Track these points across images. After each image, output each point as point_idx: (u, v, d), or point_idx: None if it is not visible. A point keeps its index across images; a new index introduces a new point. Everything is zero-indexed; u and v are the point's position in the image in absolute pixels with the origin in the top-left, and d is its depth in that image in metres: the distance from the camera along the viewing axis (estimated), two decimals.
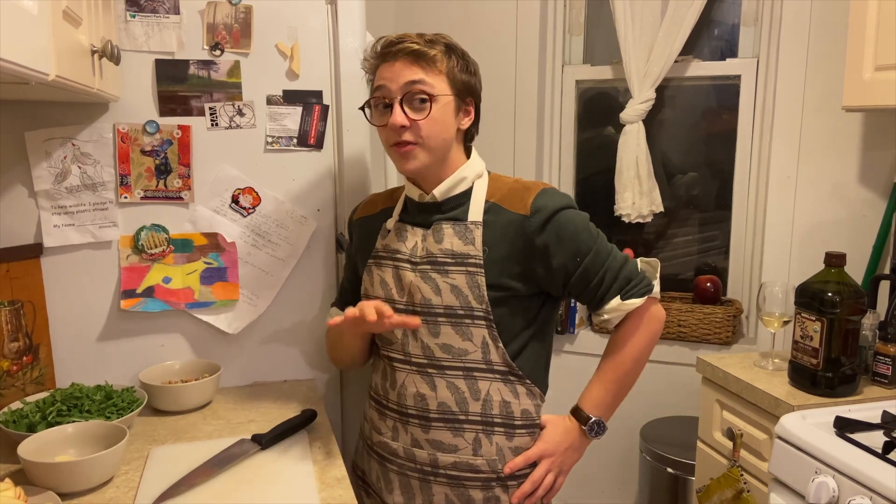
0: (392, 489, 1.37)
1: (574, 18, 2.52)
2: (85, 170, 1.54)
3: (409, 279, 1.33)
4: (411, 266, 1.34)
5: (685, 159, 2.52)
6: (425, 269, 1.32)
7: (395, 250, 1.37)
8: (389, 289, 1.36)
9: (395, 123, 1.25)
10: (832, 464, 1.32)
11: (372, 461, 1.43)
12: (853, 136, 2.05)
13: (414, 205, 1.37)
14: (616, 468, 2.53)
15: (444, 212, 1.34)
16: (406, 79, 1.25)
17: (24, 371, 1.48)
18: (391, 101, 1.26)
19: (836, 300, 1.60)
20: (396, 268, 1.36)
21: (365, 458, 1.46)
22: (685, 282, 2.52)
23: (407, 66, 1.25)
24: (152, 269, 1.60)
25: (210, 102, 1.59)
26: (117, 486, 1.22)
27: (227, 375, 1.67)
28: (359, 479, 1.48)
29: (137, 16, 1.53)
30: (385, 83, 1.27)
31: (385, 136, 1.30)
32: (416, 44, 1.26)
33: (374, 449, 1.42)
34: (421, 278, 1.31)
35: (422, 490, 1.34)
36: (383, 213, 1.44)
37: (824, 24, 2.04)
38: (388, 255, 1.38)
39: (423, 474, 1.33)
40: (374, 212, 1.46)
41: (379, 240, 1.42)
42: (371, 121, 1.33)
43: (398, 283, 1.35)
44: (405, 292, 1.33)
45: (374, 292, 1.38)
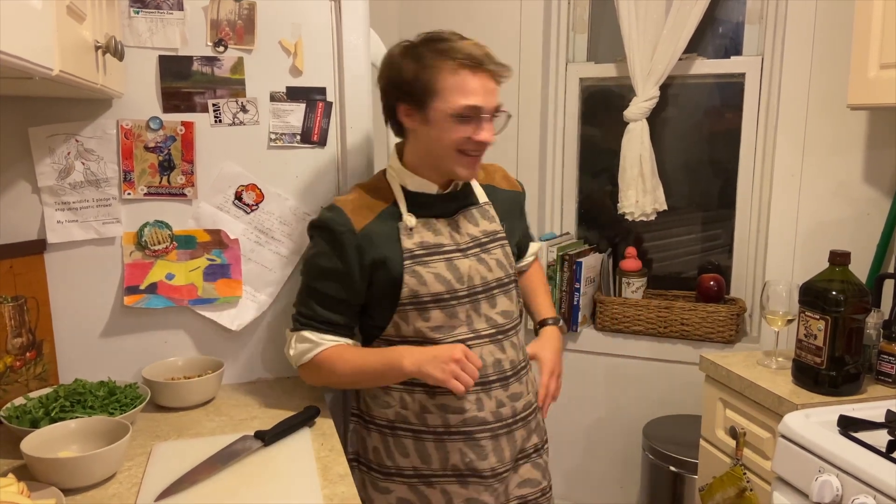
0: (486, 455, 1.44)
1: (578, 16, 2.51)
2: (88, 166, 1.54)
3: (467, 265, 1.43)
4: (462, 253, 1.44)
5: (689, 157, 2.51)
6: (476, 253, 1.46)
7: (438, 244, 1.43)
8: (448, 280, 1.41)
9: (489, 140, 1.39)
10: (836, 462, 1.31)
11: (453, 444, 1.43)
12: (858, 134, 2.04)
13: (430, 199, 1.45)
14: (619, 466, 2.53)
15: (459, 199, 1.48)
16: (496, 102, 1.38)
17: (28, 367, 1.49)
18: (481, 116, 1.36)
19: (840, 299, 1.60)
20: (449, 260, 1.42)
21: (437, 456, 1.44)
22: (688, 280, 2.52)
23: (496, 88, 1.38)
24: (155, 266, 1.60)
25: (213, 99, 1.59)
26: (120, 482, 1.22)
27: (230, 372, 1.67)
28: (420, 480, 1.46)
29: (141, 12, 1.53)
30: (481, 101, 1.35)
31: (459, 143, 1.37)
32: (501, 68, 1.38)
33: (456, 432, 1.43)
34: (476, 262, 1.45)
35: (507, 442, 1.47)
36: (383, 217, 1.42)
37: (829, 23, 2.03)
38: (430, 252, 1.42)
39: (508, 428, 1.47)
40: (372, 218, 1.42)
41: (405, 240, 1.41)
42: (451, 130, 1.36)
43: (455, 272, 1.42)
44: (465, 279, 1.43)
45: (432, 289, 1.40)
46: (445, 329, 1.42)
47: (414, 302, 1.40)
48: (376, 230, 1.41)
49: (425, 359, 1.35)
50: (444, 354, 1.34)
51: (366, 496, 1.48)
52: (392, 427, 1.46)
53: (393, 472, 1.46)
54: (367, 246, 1.40)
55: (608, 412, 2.52)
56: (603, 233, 2.65)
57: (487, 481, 1.44)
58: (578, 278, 2.40)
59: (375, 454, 1.48)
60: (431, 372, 1.33)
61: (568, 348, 2.50)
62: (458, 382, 1.31)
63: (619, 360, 2.46)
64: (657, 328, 2.37)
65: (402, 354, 1.38)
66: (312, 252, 1.46)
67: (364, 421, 1.51)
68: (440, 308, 1.41)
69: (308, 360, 1.44)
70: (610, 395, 2.51)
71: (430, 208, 1.44)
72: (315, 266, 1.44)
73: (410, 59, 1.36)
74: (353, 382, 1.50)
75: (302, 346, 1.45)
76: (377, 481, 1.48)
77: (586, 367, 2.50)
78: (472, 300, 1.43)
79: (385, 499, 1.47)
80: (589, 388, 2.51)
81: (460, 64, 1.34)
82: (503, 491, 1.48)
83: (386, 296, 1.42)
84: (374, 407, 1.48)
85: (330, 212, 1.43)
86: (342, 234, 1.39)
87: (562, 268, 2.41)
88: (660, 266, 2.59)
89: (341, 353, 1.44)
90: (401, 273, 1.39)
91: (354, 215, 1.41)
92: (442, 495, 1.44)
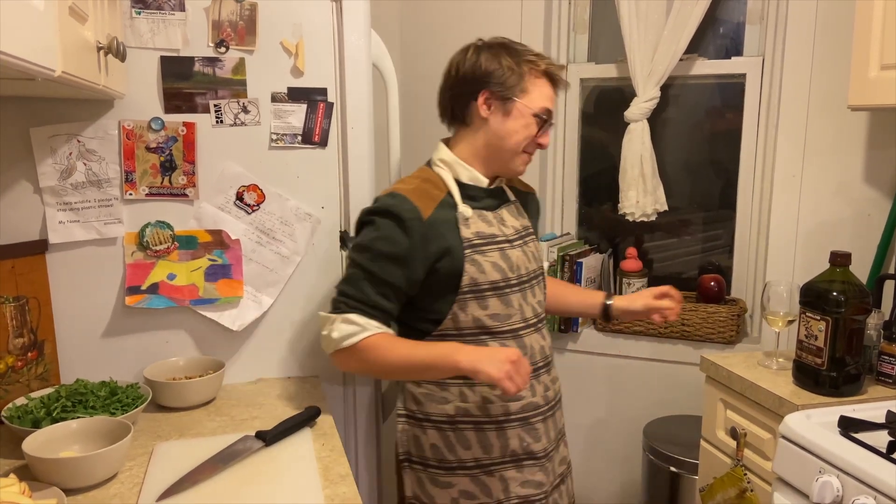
0: (539, 437, 1.54)
1: (579, 16, 2.51)
2: (90, 166, 1.54)
3: (516, 256, 1.52)
4: (510, 244, 1.53)
5: (689, 158, 2.51)
6: (520, 244, 1.55)
7: (492, 235, 1.50)
8: (503, 269, 1.49)
9: (547, 144, 1.54)
10: (836, 463, 1.31)
11: (513, 431, 1.50)
12: (858, 135, 2.04)
13: (480, 192, 1.53)
14: (619, 467, 2.53)
15: (499, 196, 1.58)
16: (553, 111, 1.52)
17: (29, 367, 1.49)
18: (549, 122, 1.51)
19: (840, 299, 1.60)
20: (502, 249, 1.51)
21: (498, 444, 1.50)
22: (689, 280, 2.52)
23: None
24: (157, 266, 1.60)
25: (215, 100, 1.59)
26: (122, 482, 1.22)
27: (231, 372, 1.67)
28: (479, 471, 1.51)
29: (143, 13, 1.53)
30: (551, 109, 1.51)
31: (524, 144, 1.50)
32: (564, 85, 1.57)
33: (515, 418, 1.50)
34: (521, 252, 1.54)
35: (552, 423, 1.59)
36: (442, 207, 1.46)
37: (830, 23, 2.03)
38: (486, 241, 1.49)
39: (552, 410, 1.59)
40: (434, 207, 1.45)
41: (463, 230, 1.46)
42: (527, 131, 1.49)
43: (508, 261, 1.50)
44: (515, 268, 1.51)
45: (489, 277, 1.47)
46: (502, 317, 1.49)
47: (473, 290, 1.46)
48: (439, 219, 1.44)
49: (482, 357, 1.35)
50: (500, 354, 1.34)
51: (423, 493, 1.51)
52: (452, 422, 1.49)
53: (455, 465, 1.49)
54: (432, 235, 1.42)
55: (608, 412, 2.52)
56: (603, 233, 2.64)
57: (541, 461, 1.54)
58: (579, 279, 2.40)
59: (434, 451, 1.50)
60: (487, 369, 1.32)
61: (568, 349, 2.50)
62: (510, 383, 1.32)
63: (620, 360, 2.46)
64: (658, 329, 2.37)
65: (456, 349, 1.38)
66: (374, 236, 1.43)
67: (417, 419, 1.51)
68: (497, 296, 1.48)
69: (351, 344, 1.41)
70: (610, 395, 2.51)
71: (479, 200, 1.52)
72: (374, 250, 1.42)
73: (504, 53, 1.48)
74: (396, 373, 1.50)
75: (348, 328, 1.41)
76: (437, 477, 1.50)
77: (587, 367, 2.49)
78: (521, 289, 1.52)
79: (447, 493, 1.50)
80: (589, 388, 2.51)
81: (546, 72, 1.50)
82: (552, 469, 1.59)
83: (446, 285, 1.45)
84: (428, 404, 1.50)
85: (393, 199, 1.43)
86: (410, 221, 1.40)
87: (562, 268, 2.41)
88: (660, 266, 2.59)
89: (389, 341, 1.43)
90: (461, 261, 1.44)
91: (419, 203, 1.43)
92: (500, 482, 1.50)
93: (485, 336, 1.47)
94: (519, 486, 1.51)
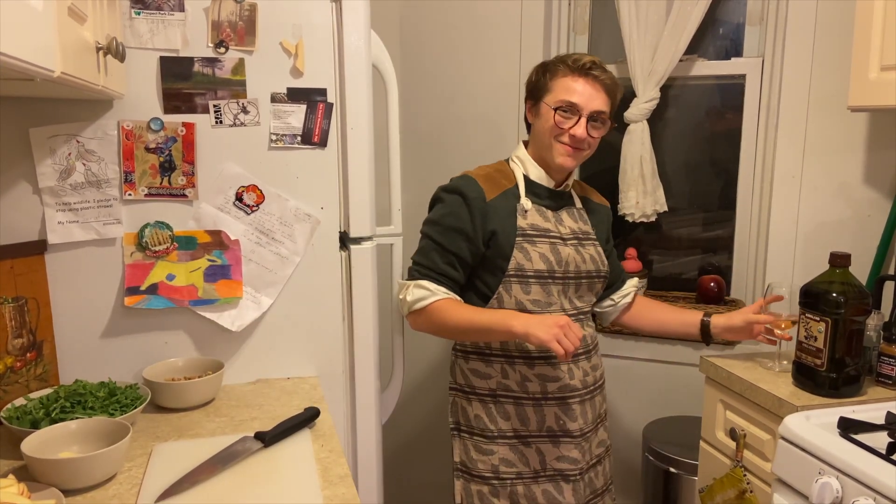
0: (575, 418, 1.68)
1: (579, 17, 2.51)
2: (89, 167, 1.54)
3: (567, 253, 1.67)
4: (563, 242, 1.68)
5: (689, 158, 2.51)
6: (574, 244, 1.70)
7: (546, 229, 1.66)
8: (550, 261, 1.64)
9: (582, 135, 1.62)
10: (836, 464, 1.31)
11: (549, 409, 1.67)
12: (858, 135, 2.04)
13: (544, 190, 1.70)
14: (619, 467, 2.53)
15: (564, 199, 1.74)
16: (597, 106, 1.62)
17: (28, 367, 1.49)
18: (578, 114, 1.62)
19: (840, 301, 1.60)
20: (553, 244, 1.66)
21: (535, 419, 1.67)
22: (689, 281, 2.52)
23: (599, 93, 1.63)
24: (156, 267, 1.60)
25: (214, 100, 1.59)
26: (120, 482, 1.22)
27: (230, 373, 1.67)
28: (518, 442, 1.69)
29: (142, 13, 1.53)
30: (578, 100, 1.61)
31: (556, 133, 1.63)
32: (610, 80, 1.65)
33: (552, 397, 1.67)
34: (574, 251, 1.68)
35: (590, 406, 1.73)
36: (506, 195, 1.66)
37: (830, 24, 2.03)
38: (539, 234, 1.65)
39: (591, 394, 1.73)
40: (499, 193, 1.65)
41: (520, 219, 1.64)
42: (552, 121, 1.62)
43: (557, 256, 1.65)
44: (563, 263, 1.65)
45: (535, 266, 1.63)
46: (542, 304, 1.65)
47: (518, 275, 1.63)
48: (500, 204, 1.64)
49: (534, 322, 1.49)
50: (549, 320, 1.48)
51: (468, 458, 1.71)
52: (494, 395, 1.69)
53: (496, 435, 1.68)
54: (491, 215, 1.62)
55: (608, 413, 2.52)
56: None
57: (576, 440, 1.68)
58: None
59: (478, 421, 1.70)
60: (537, 333, 1.46)
61: None
62: (559, 345, 1.44)
63: (620, 361, 2.46)
64: None
65: (512, 315, 1.54)
66: (442, 212, 1.65)
67: (464, 392, 1.73)
68: (540, 284, 1.64)
69: (423, 306, 1.62)
70: (610, 396, 2.50)
71: (542, 198, 1.69)
72: (443, 224, 1.64)
73: (540, 68, 1.69)
74: (459, 333, 1.66)
75: (420, 292, 1.63)
76: (480, 444, 1.70)
77: None
78: (565, 283, 1.67)
79: (489, 459, 1.69)
80: None
81: (569, 68, 1.63)
82: (588, 448, 1.73)
83: (496, 264, 1.63)
84: (475, 379, 1.71)
85: (463, 180, 1.66)
86: (474, 200, 1.62)
87: None
88: (660, 267, 2.59)
89: (454, 305, 1.62)
90: (512, 246, 1.62)
91: (486, 186, 1.64)
92: (537, 454, 1.68)
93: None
94: (555, 460, 1.68)
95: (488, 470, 1.68)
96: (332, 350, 1.74)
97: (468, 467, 1.71)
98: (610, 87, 1.65)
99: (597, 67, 1.63)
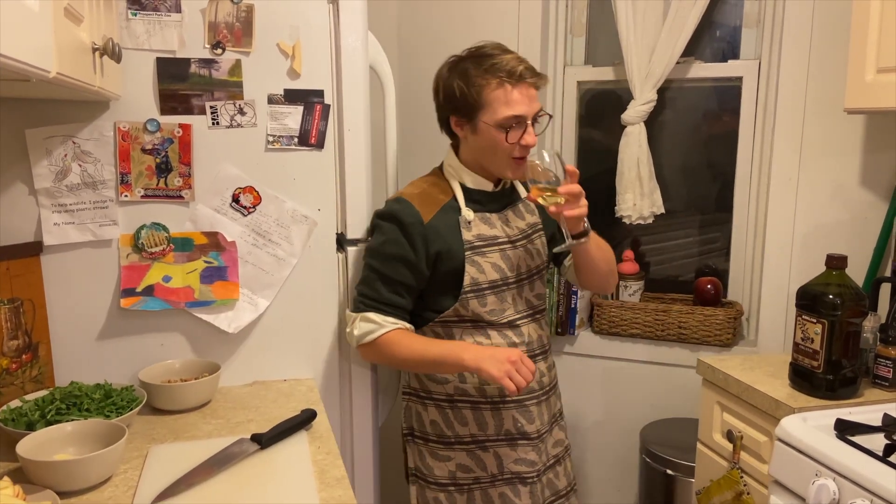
0: (533, 419, 1.64)
1: (576, 19, 2.51)
2: (85, 168, 1.54)
3: (518, 256, 1.62)
4: (512, 245, 1.62)
5: (686, 161, 2.51)
6: (523, 244, 1.64)
7: (493, 237, 1.60)
8: (503, 269, 1.59)
9: (534, 142, 1.53)
10: (833, 466, 1.31)
11: (507, 412, 1.61)
12: (855, 138, 2.05)
13: (485, 195, 1.62)
14: (615, 469, 2.53)
15: (507, 196, 1.66)
16: (537, 107, 1.54)
17: (24, 369, 1.48)
18: (525, 123, 1.52)
19: (837, 302, 1.60)
20: (503, 250, 1.60)
21: (494, 423, 1.61)
22: (686, 283, 2.52)
23: (534, 95, 1.54)
24: (152, 268, 1.59)
25: (211, 101, 1.59)
26: (116, 484, 1.22)
27: (226, 375, 1.67)
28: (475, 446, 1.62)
29: (139, 14, 1.52)
30: (523, 110, 1.51)
31: (509, 149, 1.52)
32: (539, 78, 1.54)
33: (510, 400, 1.61)
34: (524, 252, 1.63)
35: (546, 407, 1.69)
36: (445, 210, 1.58)
37: (826, 27, 2.04)
38: (487, 243, 1.59)
39: (546, 395, 1.68)
40: (437, 210, 1.57)
41: (465, 233, 1.57)
42: (504, 138, 1.51)
43: (508, 262, 1.60)
44: (514, 268, 1.61)
45: (489, 277, 1.58)
46: (497, 312, 1.60)
47: (474, 289, 1.57)
48: (440, 222, 1.56)
49: (484, 356, 1.46)
50: (501, 355, 1.46)
51: (424, 465, 1.65)
52: (451, 400, 1.62)
53: (453, 440, 1.63)
54: (432, 236, 1.54)
55: (605, 415, 2.52)
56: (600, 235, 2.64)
57: (533, 442, 1.64)
58: None
59: (434, 426, 1.64)
60: (489, 369, 1.44)
61: (565, 351, 2.50)
62: (510, 382, 1.42)
63: (617, 363, 2.46)
64: (654, 331, 2.37)
65: (463, 347, 1.52)
66: (382, 240, 1.57)
67: (419, 397, 1.66)
68: (494, 293, 1.59)
69: (371, 340, 1.56)
70: (607, 398, 2.51)
71: (484, 204, 1.62)
72: (384, 253, 1.57)
73: (458, 76, 1.53)
74: (412, 366, 1.61)
75: (367, 325, 1.56)
76: (437, 451, 1.64)
77: (583, 370, 2.49)
78: (519, 286, 1.63)
79: (445, 466, 1.63)
80: (586, 391, 2.51)
81: (500, 79, 1.49)
82: (544, 449, 1.68)
83: (448, 283, 1.57)
84: (431, 384, 1.64)
85: (398, 203, 1.57)
86: (411, 225, 1.54)
87: None
88: (657, 269, 2.59)
89: (404, 337, 1.56)
90: (462, 262, 1.55)
91: (422, 208, 1.56)
92: (494, 458, 1.62)
93: (483, 324, 1.59)
94: (512, 463, 1.62)
95: (445, 476, 1.63)
96: (328, 352, 1.74)
97: (424, 473, 1.65)
98: (539, 86, 1.55)
99: (531, 72, 1.52)
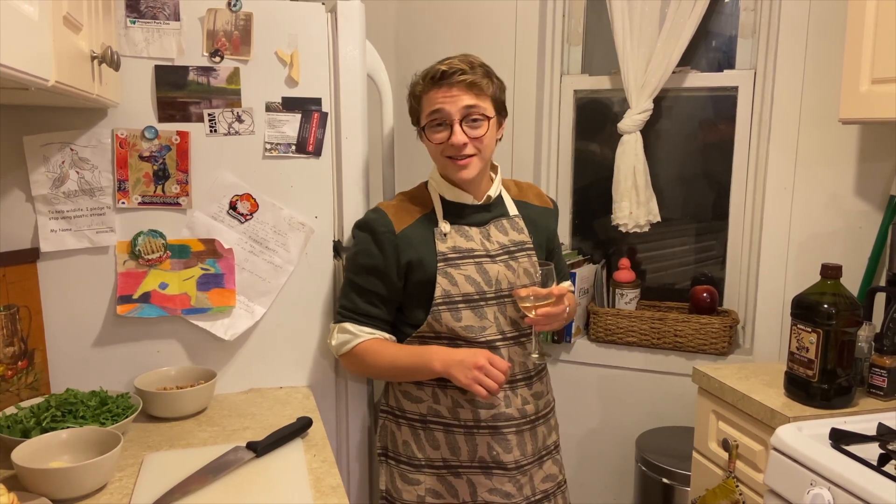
0: (510, 449, 1.55)
1: (573, 28, 2.52)
2: (83, 175, 1.54)
3: (497, 270, 1.55)
4: (491, 259, 1.56)
5: (682, 170, 2.52)
6: (505, 259, 1.57)
7: (469, 249, 1.56)
8: (478, 283, 1.54)
9: (459, 141, 1.48)
10: (827, 475, 1.32)
11: (482, 438, 1.54)
12: (850, 148, 2.06)
13: (465, 208, 1.59)
14: (611, 478, 2.53)
15: (491, 210, 1.61)
16: (464, 104, 1.48)
17: (19, 376, 1.48)
18: (450, 122, 1.49)
19: (832, 312, 1.60)
20: (479, 263, 1.55)
21: (467, 448, 1.55)
22: (681, 292, 2.53)
23: (463, 92, 1.48)
24: (149, 275, 1.59)
25: (209, 109, 1.59)
26: (111, 492, 1.22)
27: (222, 382, 1.67)
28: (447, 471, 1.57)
29: (137, 22, 1.53)
30: (441, 106, 1.48)
31: (441, 150, 1.51)
32: (468, 74, 1.48)
33: (485, 426, 1.54)
34: (505, 267, 1.56)
35: (530, 437, 1.59)
36: (421, 222, 1.56)
37: (821, 37, 2.05)
38: (461, 256, 1.55)
39: (531, 424, 1.59)
40: (412, 221, 1.56)
41: (439, 244, 1.54)
42: (430, 139, 1.52)
43: (485, 275, 1.54)
44: (493, 282, 1.55)
45: (462, 290, 1.53)
46: (476, 329, 1.53)
47: (447, 302, 1.52)
48: (414, 233, 1.54)
49: (454, 361, 1.46)
50: (468, 360, 1.44)
51: (394, 488, 1.59)
52: (424, 421, 1.57)
53: (423, 464, 1.57)
54: (404, 247, 1.53)
55: (601, 423, 2.52)
56: (597, 244, 2.65)
57: (511, 473, 1.55)
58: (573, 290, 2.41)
59: (405, 447, 1.59)
60: (457, 375, 1.44)
61: (561, 359, 2.50)
62: (480, 387, 1.41)
63: (613, 371, 2.46)
64: (650, 339, 2.37)
65: (433, 355, 1.49)
66: (355, 250, 1.58)
67: (394, 416, 1.61)
68: (470, 308, 1.53)
69: (347, 350, 1.56)
70: (603, 406, 2.51)
71: (464, 217, 1.59)
72: (357, 263, 1.57)
73: (410, 92, 1.57)
74: (388, 375, 1.60)
75: (343, 336, 1.57)
76: (406, 473, 1.58)
77: (579, 378, 2.49)
78: (499, 303, 1.55)
79: (414, 490, 1.57)
80: (582, 399, 2.51)
81: (428, 83, 1.51)
82: (528, 483, 1.59)
83: (421, 295, 1.53)
84: (405, 402, 1.59)
85: (374, 213, 1.57)
86: (383, 235, 1.53)
87: None
88: (653, 277, 2.60)
89: (379, 346, 1.55)
90: (434, 274, 1.52)
91: (396, 218, 1.55)
92: (468, 485, 1.56)
93: (461, 342, 1.53)
94: (486, 492, 1.56)
95: (414, 501, 1.57)
96: (324, 359, 1.74)
97: (393, 497, 1.59)
98: (473, 82, 1.48)
99: (449, 73, 1.47)
